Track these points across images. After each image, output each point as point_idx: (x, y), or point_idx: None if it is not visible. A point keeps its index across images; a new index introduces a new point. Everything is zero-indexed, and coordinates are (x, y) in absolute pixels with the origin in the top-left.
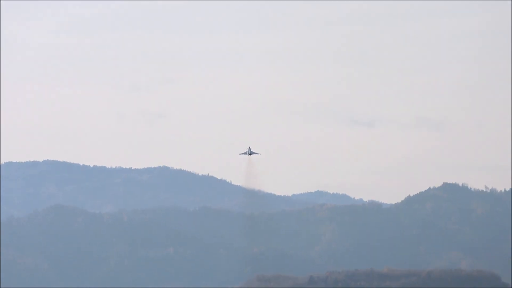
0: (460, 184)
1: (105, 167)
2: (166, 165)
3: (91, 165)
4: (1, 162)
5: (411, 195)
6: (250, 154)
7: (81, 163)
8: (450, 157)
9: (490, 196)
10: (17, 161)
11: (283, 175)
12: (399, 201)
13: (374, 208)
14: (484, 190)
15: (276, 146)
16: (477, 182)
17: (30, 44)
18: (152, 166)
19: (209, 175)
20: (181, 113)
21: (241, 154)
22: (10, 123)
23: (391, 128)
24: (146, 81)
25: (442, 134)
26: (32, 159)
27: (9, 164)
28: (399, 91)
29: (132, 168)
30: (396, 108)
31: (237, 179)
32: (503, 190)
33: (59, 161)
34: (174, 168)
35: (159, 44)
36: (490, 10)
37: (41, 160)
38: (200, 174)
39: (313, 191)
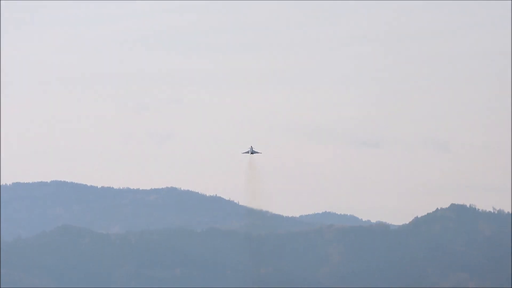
0: (468, 205)
1: (112, 187)
2: (174, 186)
3: (99, 186)
4: (9, 183)
5: (419, 216)
6: (252, 153)
7: (88, 184)
8: (457, 178)
9: (497, 217)
10: (25, 182)
11: (291, 196)
12: (407, 222)
13: (382, 229)
14: (492, 211)
15: (284, 167)
16: (484, 203)
17: (37, 62)
18: (160, 187)
19: (217, 196)
20: (189, 133)
21: (243, 153)
22: (18, 144)
23: (398, 149)
24: (153, 102)
25: (449, 155)
26: (39, 180)
27: (17, 184)
28: (406, 112)
29: (140, 189)
30: (403, 129)
31: (244, 200)
32: (510, 212)
33: (67, 182)
34: (182, 189)
35: (166, 64)
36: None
37: (48, 180)
38: (207, 195)
39: (320, 212)
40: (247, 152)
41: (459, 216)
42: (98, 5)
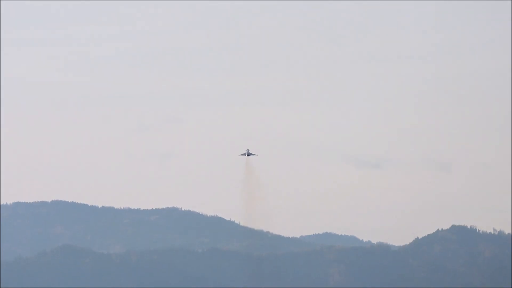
0: (469, 227)
1: (113, 207)
2: (175, 206)
3: (100, 206)
4: (10, 202)
5: (420, 237)
6: (248, 155)
7: (89, 204)
8: (458, 199)
9: (498, 239)
10: (26, 201)
11: (291, 217)
12: (408, 243)
13: (383, 250)
14: (492, 233)
15: (284, 187)
16: (485, 224)
17: (37, 82)
18: (161, 207)
19: (218, 216)
20: (189, 153)
21: (240, 155)
22: (18, 163)
23: (399, 169)
24: (154, 121)
25: (450, 176)
26: (40, 199)
27: (18, 204)
28: (408, 133)
29: (141, 209)
30: (403, 149)
31: (245, 220)
32: (511, 233)
33: (68, 202)
34: (183, 209)
35: (167, 84)
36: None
37: (49, 200)
38: (208, 215)
39: (321, 233)
40: (244, 154)
41: (460, 237)
42: (98, 25)
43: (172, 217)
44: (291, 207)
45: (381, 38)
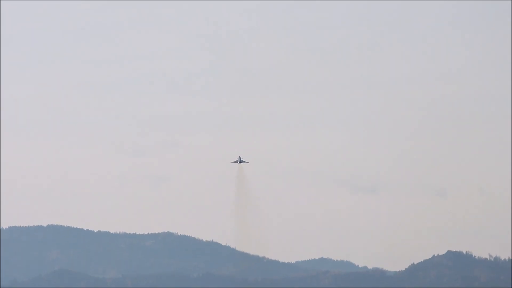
0: (464, 252)
1: (109, 232)
2: (170, 231)
3: (95, 230)
4: (5, 226)
5: (415, 262)
6: (240, 163)
7: (85, 228)
8: (454, 225)
9: (494, 264)
10: (21, 226)
11: (287, 242)
12: (403, 268)
13: (378, 275)
14: (488, 259)
15: (280, 212)
16: (481, 250)
17: (33, 105)
18: (156, 232)
19: (213, 241)
20: (185, 177)
21: (233, 162)
22: (14, 188)
23: (394, 195)
24: (149, 145)
25: (445, 201)
26: (36, 224)
27: (13, 228)
28: (402, 157)
29: (136, 233)
30: (399, 175)
31: (241, 245)
32: (507, 259)
33: (63, 226)
34: (178, 234)
35: (162, 107)
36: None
37: (45, 224)
38: (204, 240)
39: (317, 258)
40: (236, 162)
41: (456, 262)
42: (93, 49)
43: (168, 241)
44: (286, 232)
45: (376, 63)
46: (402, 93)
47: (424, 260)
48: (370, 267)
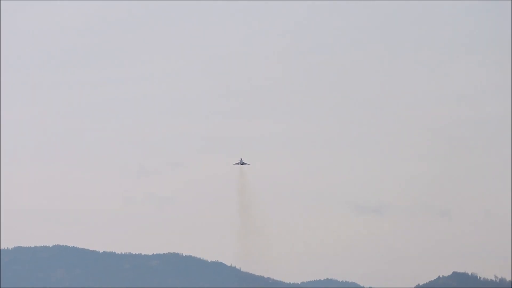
0: (470, 273)
1: (114, 252)
2: (176, 251)
3: (101, 251)
4: (10, 247)
5: (421, 284)
6: (241, 164)
7: (90, 248)
8: (459, 246)
9: (499, 286)
10: (26, 246)
11: (292, 262)
12: None
13: None
14: (494, 280)
15: (285, 233)
16: (486, 271)
17: (37, 125)
18: (162, 252)
19: (219, 261)
20: (190, 198)
21: (234, 164)
22: (19, 207)
23: (399, 215)
24: (154, 165)
25: (451, 222)
26: (41, 244)
27: (19, 248)
28: (407, 179)
29: (142, 254)
30: (404, 195)
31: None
32: None
33: (69, 246)
34: (184, 254)
35: (167, 128)
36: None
37: (50, 245)
38: (209, 261)
39: (322, 279)
40: (238, 164)
41: (461, 284)
42: (96, 70)
43: (173, 262)
44: (291, 252)
45: (380, 85)
46: (407, 115)
47: (430, 281)
48: None
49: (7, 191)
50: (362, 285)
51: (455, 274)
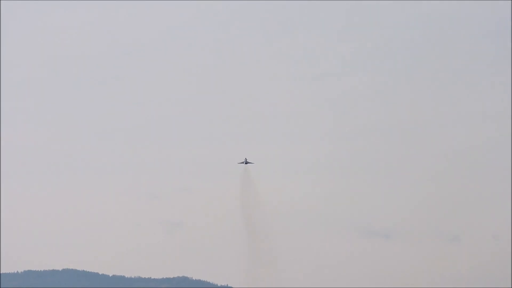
0: None
1: (124, 276)
2: (185, 275)
3: (110, 274)
4: (20, 271)
5: None
6: (246, 163)
7: (100, 272)
8: (467, 271)
9: None
10: (36, 270)
11: (300, 286)
12: None
13: None
14: None
15: (293, 257)
16: None
17: (45, 151)
18: (171, 276)
19: (228, 285)
20: (200, 222)
21: (239, 163)
22: (28, 232)
23: (408, 240)
24: (163, 190)
25: (458, 247)
26: (51, 268)
27: (28, 272)
28: (416, 204)
29: (151, 277)
30: (413, 220)
31: None
32: None
33: (78, 270)
34: (193, 278)
35: (176, 153)
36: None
37: (60, 268)
38: (219, 285)
39: None
40: (242, 163)
41: None
42: (106, 93)
43: (183, 286)
44: (300, 277)
45: (389, 110)
46: (417, 140)
47: None
48: None
49: (17, 215)
50: None
51: None
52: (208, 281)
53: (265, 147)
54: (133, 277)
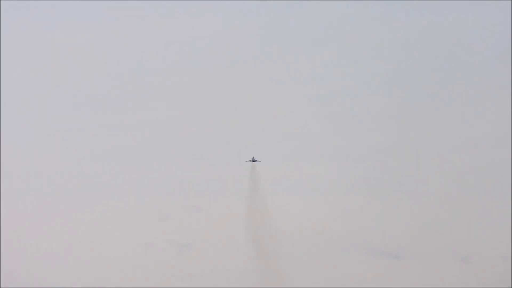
0: None
1: None
2: None
3: None
4: None
5: None
6: (253, 161)
7: None
8: None
9: None
10: None
11: None
12: None
13: None
14: None
15: (302, 278)
16: None
17: (52, 170)
18: None
19: None
20: (210, 243)
21: (247, 161)
22: (37, 253)
23: (417, 260)
24: (173, 211)
25: (470, 267)
26: None
27: None
28: (426, 223)
29: None
30: (423, 241)
31: None
32: None
33: None
34: None
35: (187, 173)
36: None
37: None
38: None
39: None
40: (250, 161)
41: None
42: (117, 114)
43: None
44: None
45: (396, 131)
46: (426, 160)
47: None
48: None
49: (24, 236)
50: None
51: None
52: None
53: (273, 167)
54: None
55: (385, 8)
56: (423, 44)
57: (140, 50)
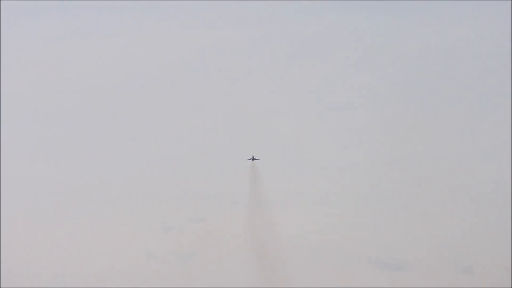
0: None
1: None
2: None
3: None
4: None
5: None
6: (253, 160)
7: None
8: None
9: None
10: None
11: None
12: None
13: None
14: None
15: (306, 287)
16: None
17: (57, 181)
18: None
19: None
20: (213, 253)
21: (247, 160)
22: (38, 263)
23: (422, 272)
24: (177, 221)
25: (473, 278)
26: None
27: None
28: (429, 235)
29: None
30: (426, 251)
31: None
32: None
33: None
34: None
35: (190, 184)
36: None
37: None
38: None
39: None
40: (250, 159)
41: None
42: (119, 123)
43: None
44: None
45: (401, 143)
46: (431, 172)
47: None
48: None
49: (25, 248)
50: None
51: None
52: None
53: (277, 177)
54: None
55: (391, 18)
56: (429, 56)
57: (144, 57)
